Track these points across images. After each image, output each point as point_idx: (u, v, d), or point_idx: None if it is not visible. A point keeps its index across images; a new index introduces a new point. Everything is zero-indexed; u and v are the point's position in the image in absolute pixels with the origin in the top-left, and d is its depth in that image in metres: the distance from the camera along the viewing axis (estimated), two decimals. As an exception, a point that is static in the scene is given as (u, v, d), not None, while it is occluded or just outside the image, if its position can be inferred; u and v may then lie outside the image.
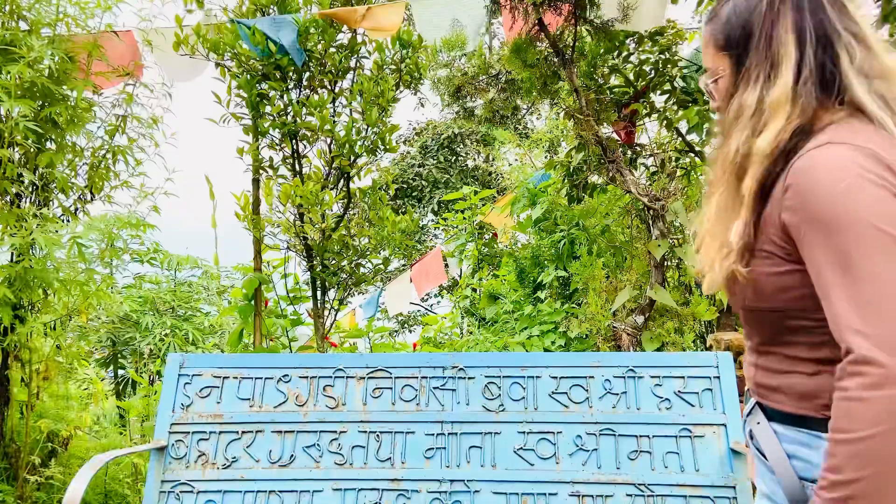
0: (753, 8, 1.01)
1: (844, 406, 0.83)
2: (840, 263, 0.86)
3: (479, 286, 5.88)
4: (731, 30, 1.04)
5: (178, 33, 3.91)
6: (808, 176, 0.92)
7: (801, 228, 0.92)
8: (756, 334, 1.08)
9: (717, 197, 1.04)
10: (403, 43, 4.02)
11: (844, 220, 0.87)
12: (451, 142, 13.05)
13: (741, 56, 1.02)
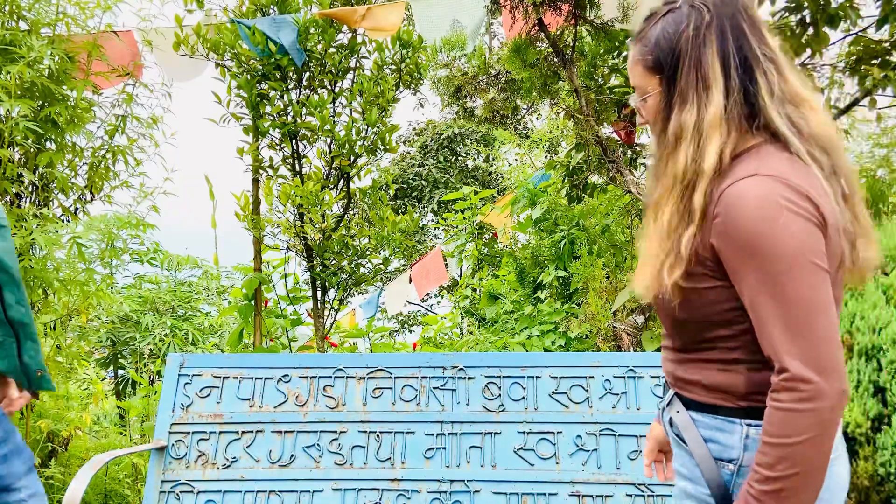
0: (681, 32, 1.05)
1: (779, 416, 0.95)
2: (772, 291, 0.96)
3: (479, 286, 5.88)
4: (661, 52, 1.07)
5: (178, 33, 3.91)
6: (739, 208, 0.98)
7: (732, 256, 1.00)
8: (678, 338, 1.16)
9: (662, 213, 1.08)
10: (403, 43, 4.02)
11: (774, 251, 0.96)
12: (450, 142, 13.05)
13: (671, 77, 1.06)
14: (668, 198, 1.08)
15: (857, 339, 2.34)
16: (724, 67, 1.03)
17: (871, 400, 2.19)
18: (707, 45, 1.04)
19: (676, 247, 1.06)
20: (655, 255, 1.10)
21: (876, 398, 2.21)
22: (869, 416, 2.18)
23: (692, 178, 1.04)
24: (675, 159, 1.06)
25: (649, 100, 1.12)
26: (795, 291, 0.95)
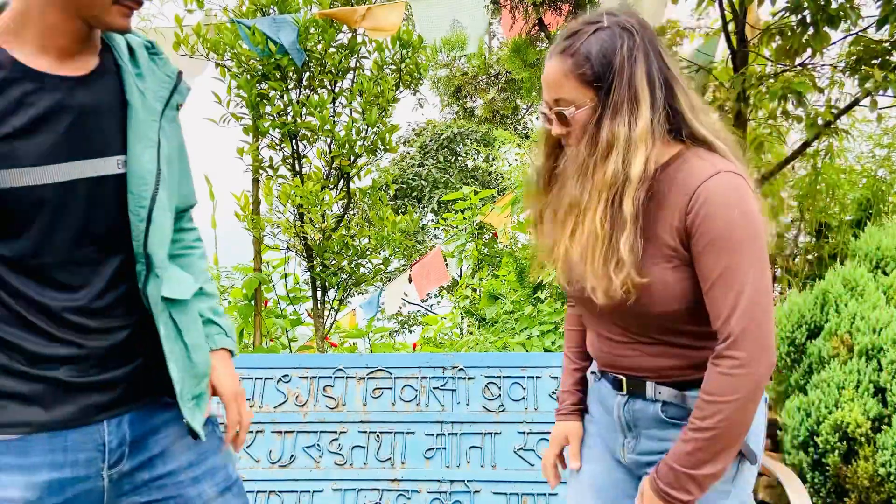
0: (615, 52, 1.17)
1: (717, 378, 1.14)
2: (727, 271, 1.12)
3: (479, 286, 5.88)
4: (599, 67, 1.17)
5: (177, 33, 3.91)
6: (718, 203, 1.13)
7: (707, 244, 1.14)
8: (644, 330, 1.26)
9: (591, 217, 1.18)
10: (403, 43, 4.02)
11: (742, 240, 1.12)
12: (450, 142, 13.05)
13: (607, 91, 1.17)
14: (596, 203, 1.17)
15: (858, 340, 2.33)
16: (650, 85, 1.17)
17: (872, 400, 2.19)
18: (637, 64, 1.17)
19: (615, 251, 1.16)
20: (590, 257, 1.19)
21: (876, 398, 2.21)
22: (869, 416, 2.18)
23: (620, 186, 1.15)
24: (605, 167, 1.16)
25: (582, 112, 1.20)
26: (761, 274, 1.12)
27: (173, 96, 1.18)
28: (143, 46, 1.17)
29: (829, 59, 3.69)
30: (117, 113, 1.09)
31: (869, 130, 4.31)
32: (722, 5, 3.78)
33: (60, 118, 1.03)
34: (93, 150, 1.06)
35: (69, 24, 1.03)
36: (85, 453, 1.06)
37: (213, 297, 1.33)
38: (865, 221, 3.91)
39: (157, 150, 1.11)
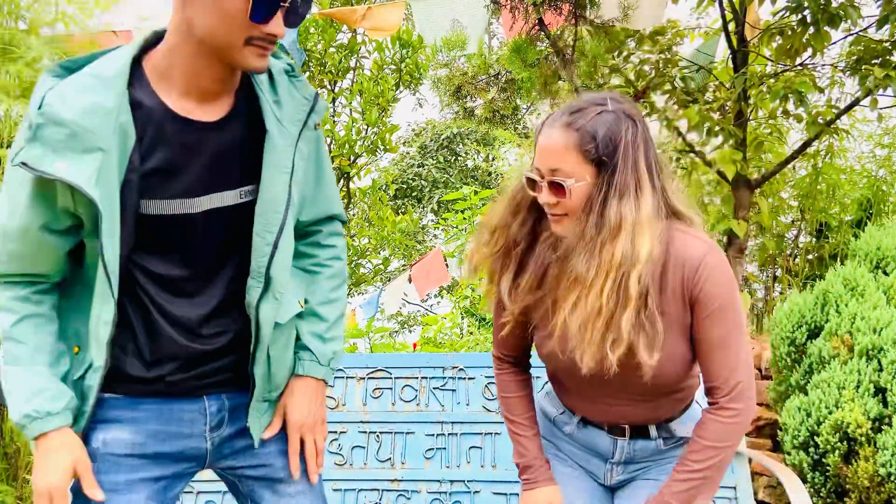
0: (620, 136, 1.24)
1: (717, 427, 1.30)
2: (735, 334, 1.28)
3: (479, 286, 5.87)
4: (602, 148, 1.23)
5: (177, 33, 3.91)
6: (717, 275, 1.27)
7: (709, 314, 1.27)
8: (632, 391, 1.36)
9: (596, 294, 1.23)
10: (403, 43, 4.03)
11: (735, 309, 1.29)
12: (450, 142, 13.05)
13: (611, 172, 1.23)
14: (602, 281, 1.23)
15: (858, 340, 2.33)
16: (649, 171, 1.25)
17: (872, 400, 2.19)
18: (639, 151, 1.25)
19: (617, 328, 1.23)
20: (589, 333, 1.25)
21: (876, 398, 2.21)
22: (869, 416, 2.18)
23: (628, 266, 1.21)
24: (613, 248, 1.22)
25: (582, 186, 1.25)
26: (745, 335, 1.31)
27: (310, 117, 1.23)
28: (283, 72, 1.23)
29: (829, 58, 3.69)
30: (253, 144, 1.19)
31: (869, 130, 4.31)
32: (722, 5, 3.78)
33: (198, 159, 1.15)
34: (228, 184, 1.18)
35: (211, 68, 1.12)
36: (189, 414, 1.24)
37: (325, 321, 1.34)
38: (866, 221, 3.91)
39: (290, 177, 1.19)
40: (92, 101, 1.06)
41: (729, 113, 3.66)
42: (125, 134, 1.09)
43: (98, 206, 1.06)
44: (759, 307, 4.27)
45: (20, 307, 1.16)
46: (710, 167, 3.83)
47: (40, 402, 1.13)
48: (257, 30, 1.07)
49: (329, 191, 1.36)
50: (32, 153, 1.04)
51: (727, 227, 3.68)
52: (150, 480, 1.22)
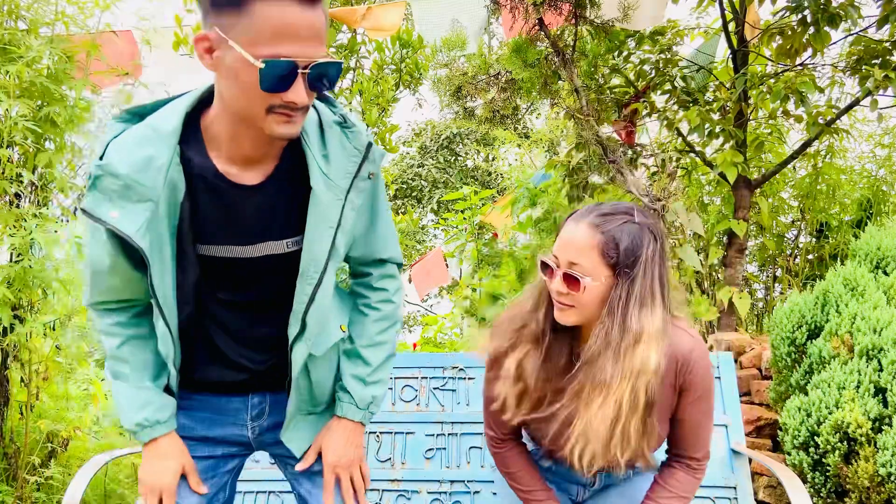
0: (642, 250, 1.33)
1: (689, 480, 1.52)
2: (704, 417, 1.49)
3: (479, 286, 5.87)
4: (623, 256, 1.32)
5: (177, 33, 3.91)
6: (702, 367, 1.43)
7: (693, 400, 1.45)
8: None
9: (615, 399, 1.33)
10: (403, 43, 4.02)
11: (712, 394, 1.49)
12: (450, 142, 13.05)
13: (631, 280, 1.33)
14: (623, 388, 1.32)
15: (858, 340, 2.33)
16: (661, 286, 1.36)
17: (872, 400, 2.19)
18: (657, 266, 1.35)
19: (626, 435, 1.35)
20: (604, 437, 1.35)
21: (877, 399, 2.21)
22: (870, 416, 2.18)
23: (643, 375, 1.33)
24: (634, 355, 1.32)
25: (596, 286, 1.34)
26: (713, 411, 1.52)
27: (363, 167, 1.26)
28: (334, 124, 1.26)
29: (829, 58, 3.68)
30: (300, 199, 1.24)
31: (869, 130, 4.30)
32: (722, 5, 3.78)
33: (242, 215, 1.24)
34: (273, 236, 1.26)
35: (248, 135, 1.17)
36: (234, 405, 1.38)
37: (368, 366, 1.39)
38: (866, 221, 3.91)
39: (336, 229, 1.25)
40: (146, 155, 1.14)
41: (729, 113, 3.66)
42: (175, 187, 1.17)
43: (146, 254, 1.16)
44: (759, 307, 4.27)
45: (122, 331, 1.30)
46: (711, 168, 3.83)
47: (149, 413, 1.29)
48: (277, 98, 1.08)
49: (383, 234, 1.39)
50: (92, 201, 1.15)
51: (727, 227, 3.68)
52: (199, 458, 1.37)
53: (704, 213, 4.23)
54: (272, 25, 1.03)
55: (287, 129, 1.12)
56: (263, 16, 1.02)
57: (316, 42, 1.07)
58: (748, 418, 3.04)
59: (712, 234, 4.10)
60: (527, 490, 1.58)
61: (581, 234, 1.34)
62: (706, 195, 4.40)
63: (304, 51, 1.06)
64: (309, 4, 1.04)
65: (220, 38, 1.06)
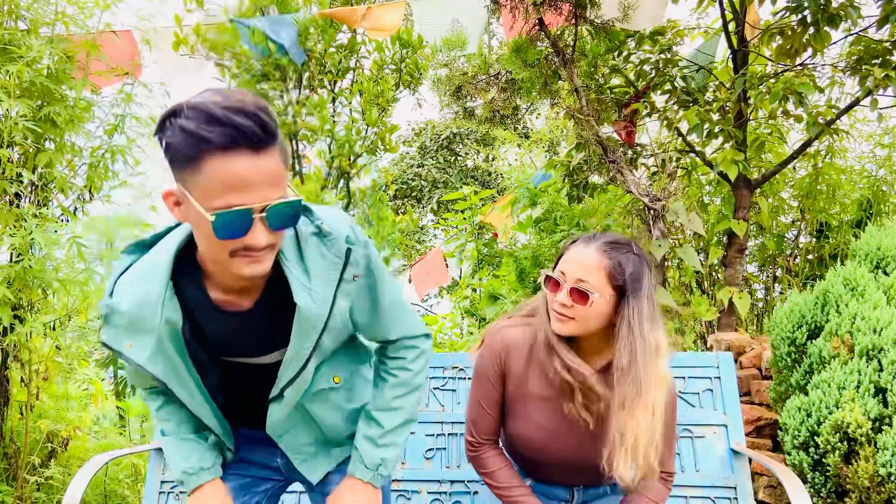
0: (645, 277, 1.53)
1: (665, 494, 1.65)
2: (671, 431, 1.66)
3: (479, 286, 5.87)
4: (628, 280, 1.50)
5: (177, 33, 3.91)
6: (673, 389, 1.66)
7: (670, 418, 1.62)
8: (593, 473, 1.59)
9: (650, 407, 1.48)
10: (403, 43, 4.02)
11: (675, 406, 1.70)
12: (450, 142, 13.04)
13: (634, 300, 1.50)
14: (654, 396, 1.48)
15: (858, 340, 2.33)
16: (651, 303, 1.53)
17: (872, 400, 2.19)
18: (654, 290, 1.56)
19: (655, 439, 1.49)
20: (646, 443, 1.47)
21: (877, 399, 2.21)
22: (870, 416, 2.18)
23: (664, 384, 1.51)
24: (658, 367, 1.49)
25: (602, 302, 1.51)
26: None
27: (346, 272, 1.33)
28: (310, 235, 1.32)
29: (829, 58, 3.68)
30: (283, 319, 1.33)
31: (869, 130, 4.30)
32: (722, 5, 3.78)
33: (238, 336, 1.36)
34: (276, 346, 1.38)
35: (225, 273, 1.26)
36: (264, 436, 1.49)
37: (380, 428, 1.46)
38: (866, 221, 3.91)
39: (321, 334, 1.34)
40: (144, 292, 1.26)
41: (729, 113, 3.66)
42: (171, 319, 1.28)
43: (160, 378, 1.31)
44: (760, 307, 4.27)
45: (161, 396, 1.47)
46: (711, 168, 3.83)
47: (194, 461, 1.43)
48: (238, 243, 1.14)
49: (389, 318, 1.46)
50: (108, 334, 1.30)
51: (727, 227, 3.68)
52: (235, 476, 1.54)
53: (704, 213, 4.23)
54: (222, 179, 1.08)
55: (253, 269, 1.18)
56: (214, 170, 1.07)
57: (269, 186, 1.11)
58: (748, 418, 3.04)
59: (712, 234, 4.10)
60: (505, 487, 1.65)
61: (591, 256, 1.52)
62: (706, 195, 4.40)
63: (257, 196, 1.10)
64: (257, 154, 1.08)
65: (182, 193, 1.12)
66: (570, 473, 1.68)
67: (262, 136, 1.08)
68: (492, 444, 1.71)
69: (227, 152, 1.07)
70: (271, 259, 1.21)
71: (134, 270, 1.30)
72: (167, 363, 1.31)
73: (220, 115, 1.06)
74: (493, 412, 1.68)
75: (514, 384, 1.65)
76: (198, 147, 1.07)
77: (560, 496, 1.73)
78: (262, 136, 1.08)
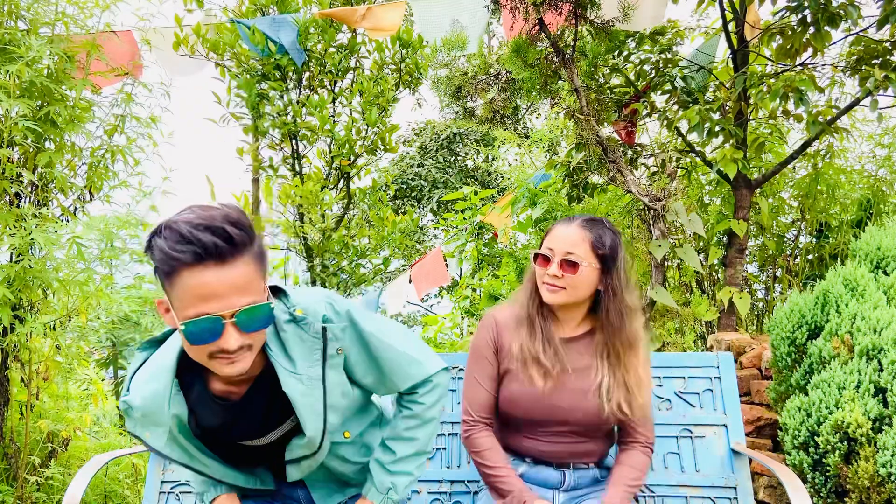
0: (619, 248, 1.77)
1: (647, 463, 1.81)
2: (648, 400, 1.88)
3: (480, 286, 5.88)
4: (608, 251, 1.75)
5: (177, 33, 3.91)
6: None
7: None
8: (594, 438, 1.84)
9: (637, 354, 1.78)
10: (403, 43, 4.02)
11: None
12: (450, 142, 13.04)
13: (609, 268, 1.76)
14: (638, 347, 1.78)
15: (858, 340, 2.33)
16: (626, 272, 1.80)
17: (872, 400, 2.19)
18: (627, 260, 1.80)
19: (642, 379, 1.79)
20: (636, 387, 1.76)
21: (877, 399, 2.21)
22: (870, 416, 2.18)
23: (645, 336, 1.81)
24: (639, 322, 1.79)
25: (588, 270, 1.75)
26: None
27: (328, 349, 1.43)
28: (286, 323, 1.42)
29: (829, 58, 3.68)
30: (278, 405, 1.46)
31: (869, 130, 4.30)
32: (722, 5, 3.78)
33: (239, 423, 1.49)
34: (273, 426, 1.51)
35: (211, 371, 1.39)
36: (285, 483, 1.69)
37: (392, 454, 1.57)
38: (866, 221, 3.91)
39: (324, 414, 1.46)
40: (152, 390, 1.39)
41: (729, 113, 3.66)
42: (177, 413, 1.43)
43: (177, 461, 1.46)
44: (760, 307, 4.27)
45: None
46: (711, 167, 3.83)
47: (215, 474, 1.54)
48: (213, 346, 1.25)
49: (394, 373, 1.54)
50: (130, 425, 1.43)
51: (727, 227, 3.68)
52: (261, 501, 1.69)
53: (704, 213, 4.23)
54: (192, 290, 1.20)
55: (231, 369, 1.29)
56: (184, 285, 1.20)
57: (238, 293, 1.22)
58: (748, 418, 3.04)
59: (712, 234, 4.10)
60: (493, 467, 1.76)
61: (574, 231, 1.76)
62: (706, 195, 4.40)
63: (226, 304, 1.22)
64: (223, 265, 1.20)
65: (167, 303, 1.27)
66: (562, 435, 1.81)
67: (227, 249, 1.20)
68: (486, 425, 1.83)
69: (195, 267, 1.19)
70: (250, 358, 1.31)
71: (146, 368, 1.43)
72: (181, 449, 1.46)
73: (187, 235, 1.18)
74: (488, 386, 1.83)
75: (505, 354, 1.82)
76: (171, 264, 1.20)
77: (551, 480, 1.83)
78: (226, 249, 1.20)
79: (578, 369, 1.79)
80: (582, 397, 1.77)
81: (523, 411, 1.80)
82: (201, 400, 1.46)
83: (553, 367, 1.77)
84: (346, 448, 1.61)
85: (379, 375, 1.53)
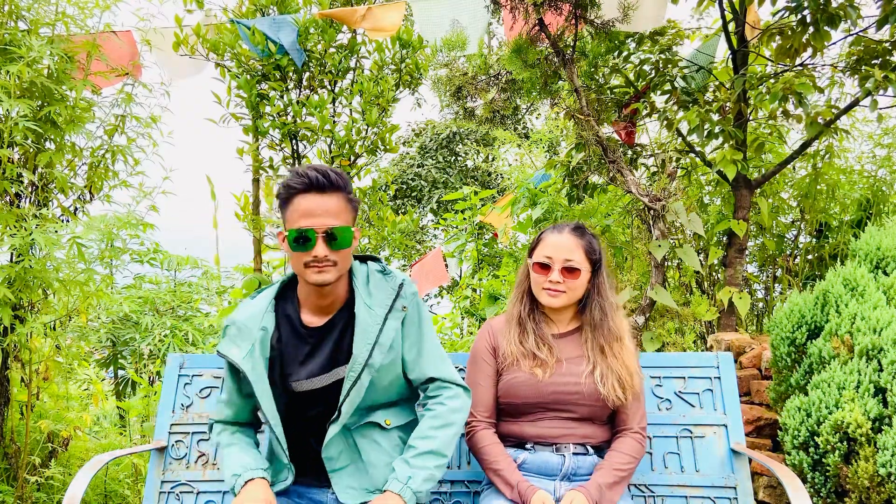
0: (600, 253, 2.00)
1: (639, 448, 1.94)
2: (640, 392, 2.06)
3: (480, 286, 5.88)
4: (596, 256, 1.99)
5: (177, 33, 3.91)
6: None
7: None
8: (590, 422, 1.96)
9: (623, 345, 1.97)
10: (403, 43, 4.02)
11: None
12: (450, 142, 13.04)
13: (597, 270, 1.99)
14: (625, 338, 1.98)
15: (858, 340, 2.33)
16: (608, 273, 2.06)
17: (872, 400, 2.19)
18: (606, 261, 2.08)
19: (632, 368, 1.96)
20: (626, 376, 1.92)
21: (876, 399, 2.21)
22: (869, 416, 2.18)
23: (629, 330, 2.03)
24: (622, 317, 2.02)
25: (585, 274, 1.97)
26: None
27: (396, 301, 1.77)
28: (375, 272, 1.83)
29: (829, 58, 3.68)
30: (346, 343, 1.76)
31: (869, 130, 4.30)
32: (722, 5, 3.78)
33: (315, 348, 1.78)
34: (337, 363, 1.76)
35: (311, 290, 1.76)
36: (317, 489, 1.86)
37: (414, 449, 1.74)
38: (866, 221, 3.91)
39: (373, 346, 1.72)
40: (253, 309, 1.81)
41: (729, 113, 3.66)
42: (266, 328, 1.77)
43: (248, 375, 1.71)
44: (760, 307, 4.27)
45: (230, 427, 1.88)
46: (710, 167, 3.83)
47: (244, 463, 1.73)
48: (308, 255, 1.67)
49: (429, 358, 1.83)
50: (222, 344, 1.78)
51: (727, 227, 3.68)
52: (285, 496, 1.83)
53: (704, 213, 4.23)
54: (298, 210, 1.68)
55: (318, 277, 1.68)
56: (294, 206, 1.69)
57: (330, 216, 1.67)
58: (748, 418, 3.05)
59: (712, 234, 4.10)
60: (494, 461, 1.88)
61: (569, 239, 1.97)
62: (706, 195, 4.40)
63: (321, 222, 1.66)
64: (322, 195, 1.67)
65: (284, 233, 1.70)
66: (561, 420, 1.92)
67: (326, 184, 1.67)
68: (488, 424, 1.97)
69: (302, 193, 1.68)
70: (334, 273, 1.69)
71: (248, 300, 1.85)
72: (254, 364, 1.72)
73: (301, 172, 1.68)
74: (488, 385, 1.98)
75: (502, 353, 1.99)
76: (289, 192, 1.70)
77: (552, 464, 1.91)
78: (325, 183, 1.67)
79: (571, 359, 1.95)
80: (578, 380, 1.91)
81: (522, 397, 1.92)
82: (289, 322, 1.78)
83: (548, 358, 1.94)
84: (380, 434, 1.80)
85: (418, 354, 1.81)
